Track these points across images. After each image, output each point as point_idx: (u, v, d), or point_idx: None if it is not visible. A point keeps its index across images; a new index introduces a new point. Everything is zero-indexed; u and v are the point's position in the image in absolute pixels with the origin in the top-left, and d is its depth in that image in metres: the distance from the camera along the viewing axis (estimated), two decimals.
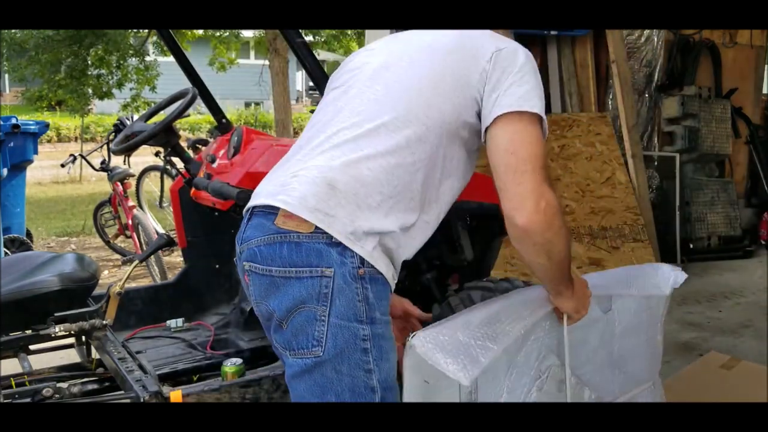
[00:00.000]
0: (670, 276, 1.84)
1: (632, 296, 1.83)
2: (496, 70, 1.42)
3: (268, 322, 1.43)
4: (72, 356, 2.48)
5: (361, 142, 1.40)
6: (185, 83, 2.58)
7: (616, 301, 1.79)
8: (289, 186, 1.39)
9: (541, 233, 1.36)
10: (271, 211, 1.39)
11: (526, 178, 1.34)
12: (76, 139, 16.00)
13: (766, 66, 6.20)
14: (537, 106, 1.40)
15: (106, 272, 5.29)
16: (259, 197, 1.45)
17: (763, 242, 5.92)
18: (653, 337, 1.89)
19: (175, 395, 1.87)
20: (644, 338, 1.87)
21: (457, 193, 1.55)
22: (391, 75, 1.49)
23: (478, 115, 1.46)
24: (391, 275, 1.41)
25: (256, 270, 1.39)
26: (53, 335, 2.12)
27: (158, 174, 5.57)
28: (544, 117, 1.42)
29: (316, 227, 1.34)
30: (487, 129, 1.42)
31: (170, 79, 8.57)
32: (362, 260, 1.34)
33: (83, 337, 2.34)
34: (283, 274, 1.35)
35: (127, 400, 1.95)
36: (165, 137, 2.32)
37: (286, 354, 1.39)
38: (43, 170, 10.83)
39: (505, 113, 1.39)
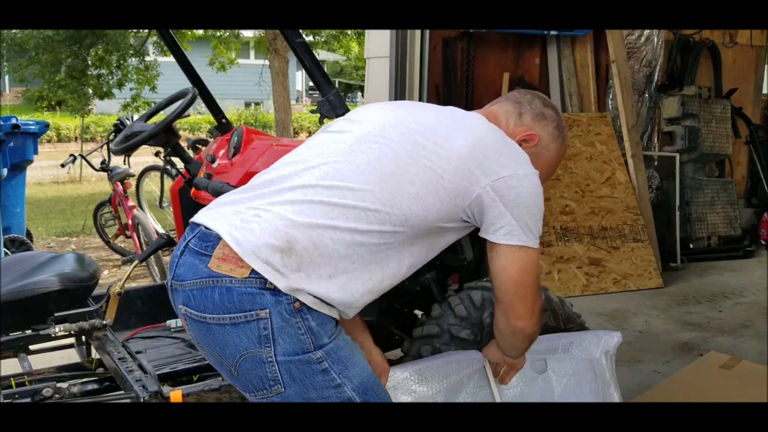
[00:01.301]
0: (602, 340, 1.93)
1: (565, 359, 1.93)
2: (502, 197, 1.44)
3: (216, 366, 1.41)
4: (72, 356, 2.48)
5: (335, 212, 1.34)
6: (185, 83, 2.58)
7: (551, 364, 1.91)
8: (247, 226, 1.33)
9: (532, 329, 1.59)
10: (204, 251, 1.34)
11: (529, 299, 1.53)
12: (76, 139, 15.99)
13: (766, 66, 6.20)
14: (536, 240, 1.50)
15: (106, 272, 5.29)
16: (215, 219, 1.38)
17: (763, 242, 5.92)
18: (606, 395, 1.93)
19: (175, 395, 1.87)
20: (593, 397, 1.92)
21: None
22: (388, 149, 1.42)
23: (464, 221, 1.49)
24: (328, 311, 1.36)
25: (191, 315, 1.36)
26: (53, 335, 2.12)
27: (158, 174, 5.57)
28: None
29: (252, 272, 1.30)
30: (490, 245, 1.49)
31: (170, 79, 8.58)
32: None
33: (83, 337, 2.34)
34: (218, 321, 1.32)
35: (127, 400, 1.95)
36: (165, 137, 2.31)
37: (248, 395, 1.38)
38: (43, 170, 10.82)
39: (511, 245, 1.47)
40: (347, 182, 1.37)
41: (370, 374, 1.40)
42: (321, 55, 15.57)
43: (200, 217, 1.42)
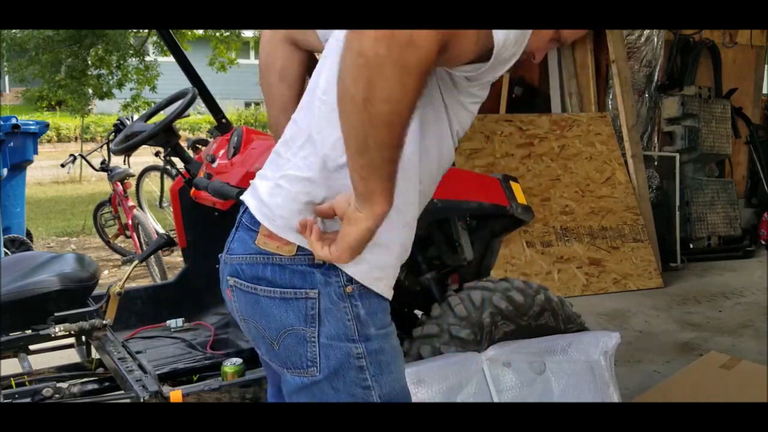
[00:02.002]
0: (600, 341, 1.93)
1: (564, 360, 1.94)
2: None
3: (256, 339, 1.38)
4: (72, 356, 2.48)
5: (339, 149, 1.19)
6: (185, 83, 2.58)
7: (549, 365, 1.91)
8: (273, 200, 1.31)
9: (373, 41, 1.01)
10: (253, 227, 1.33)
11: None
12: (76, 139, 16.01)
13: (766, 66, 6.20)
14: None
15: (106, 272, 5.30)
16: (251, 196, 1.35)
17: (763, 242, 5.93)
18: (605, 395, 1.94)
19: (175, 395, 1.87)
20: (592, 398, 1.93)
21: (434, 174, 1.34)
22: None
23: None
24: (383, 288, 1.32)
25: (240, 286, 1.34)
26: (53, 335, 2.12)
27: (158, 174, 5.58)
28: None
29: (299, 249, 1.27)
30: None
31: (170, 79, 8.58)
32: (349, 277, 1.27)
33: (83, 337, 2.34)
34: (268, 294, 1.30)
35: (127, 400, 1.95)
36: (165, 137, 2.32)
37: (284, 371, 1.35)
38: (43, 170, 10.84)
39: None
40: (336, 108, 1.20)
41: (402, 387, 1.37)
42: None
43: (245, 195, 1.40)
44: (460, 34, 1.07)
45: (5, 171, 4.79)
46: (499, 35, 1.11)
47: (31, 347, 2.22)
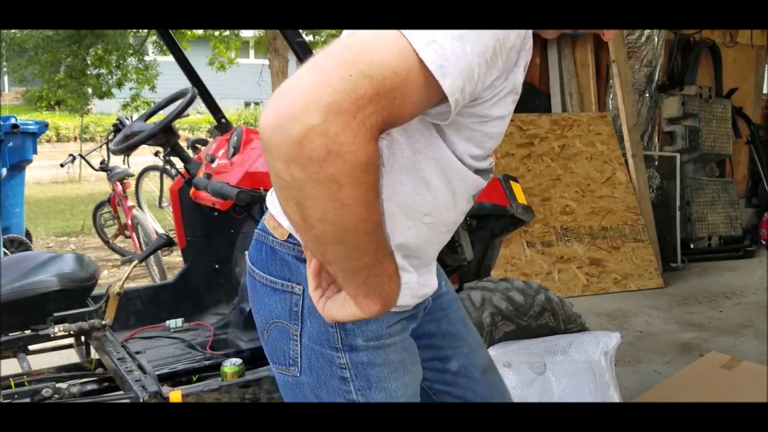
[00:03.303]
0: (601, 341, 1.94)
1: (564, 361, 1.95)
2: None
3: (255, 321, 1.33)
4: (72, 356, 2.48)
5: None
6: (185, 83, 2.58)
7: (550, 365, 1.91)
8: None
9: (280, 154, 0.80)
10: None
11: (328, 63, 0.82)
12: (75, 138, 16.01)
13: (766, 66, 6.20)
14: (431, 49, 0.88)
15: (105, 272, 5.29)
16: None
17: (763, 242, 5.93)
18: (605, 396, 1.95)
19: (175, 395, 1.87)
20: (593, 398, 1.94)
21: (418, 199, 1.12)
22: None
23: None
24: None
25: (248, 267, 1.29)
26: (53, 335, 2.12)
27: (158, 174, 5.58)
28: (445, 82, 0.88)
29: (289, 236, 1.18)
30: None
31: (170, 79, 8.58)
32: None
33: (83, 337, 2.34)
34: (261, 279, 1.23)
35: (127, 400, 1.95)
36: (164, 137, 2.32)
37: (271, 364, 1.29)
38: (43, 170, 10.84)
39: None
40: None
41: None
42: None
43: None
44: (395, 113, 0.85)
45: (4, 171, 4.79)
46: (448, 83, 0.89)
47: (31, 347, 2.22)
